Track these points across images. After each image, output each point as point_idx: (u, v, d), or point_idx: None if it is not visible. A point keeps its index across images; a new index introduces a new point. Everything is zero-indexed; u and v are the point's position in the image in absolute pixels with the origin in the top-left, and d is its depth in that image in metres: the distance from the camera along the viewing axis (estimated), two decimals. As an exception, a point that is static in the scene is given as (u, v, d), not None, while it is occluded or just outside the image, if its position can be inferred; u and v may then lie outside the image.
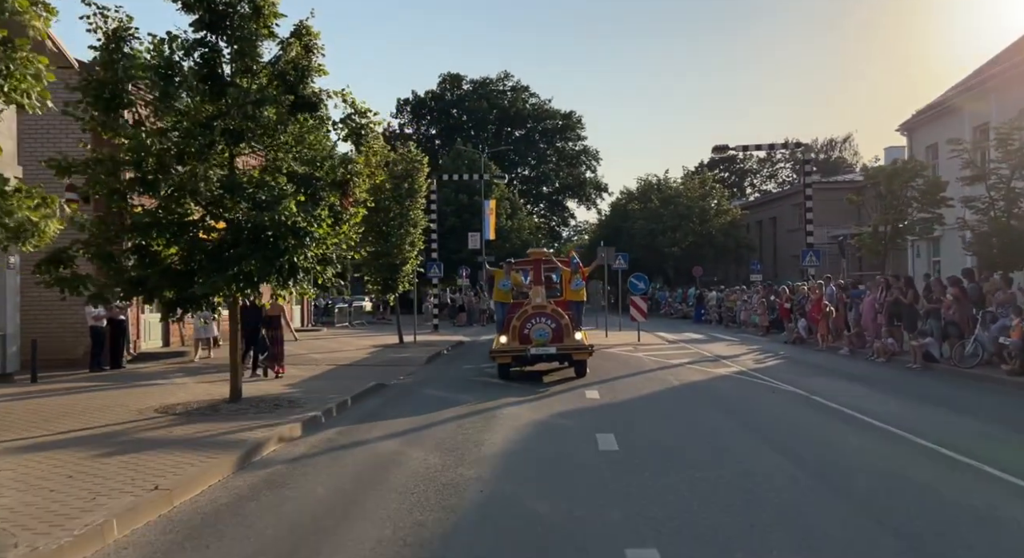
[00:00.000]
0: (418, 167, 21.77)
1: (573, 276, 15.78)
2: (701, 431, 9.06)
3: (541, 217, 64.63)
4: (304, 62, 10.67)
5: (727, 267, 53.92)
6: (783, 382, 13.07)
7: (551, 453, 8.05)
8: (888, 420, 9.32)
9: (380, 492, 6.54)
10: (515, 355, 13.63)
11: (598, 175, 64.71)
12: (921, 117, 28.34)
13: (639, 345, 21.46)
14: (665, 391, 12.59)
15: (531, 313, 13.79)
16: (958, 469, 7.03)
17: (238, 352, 11.09)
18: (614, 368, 15.96)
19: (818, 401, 11.08)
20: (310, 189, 10.89)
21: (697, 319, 36.39)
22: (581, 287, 15.94)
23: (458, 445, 8.42)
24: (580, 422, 9.79)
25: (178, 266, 10.55)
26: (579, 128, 62.56)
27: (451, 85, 61.11)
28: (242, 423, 9.32)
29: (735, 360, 17.21)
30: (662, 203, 50.16)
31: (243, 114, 9.95)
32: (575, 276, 15.78)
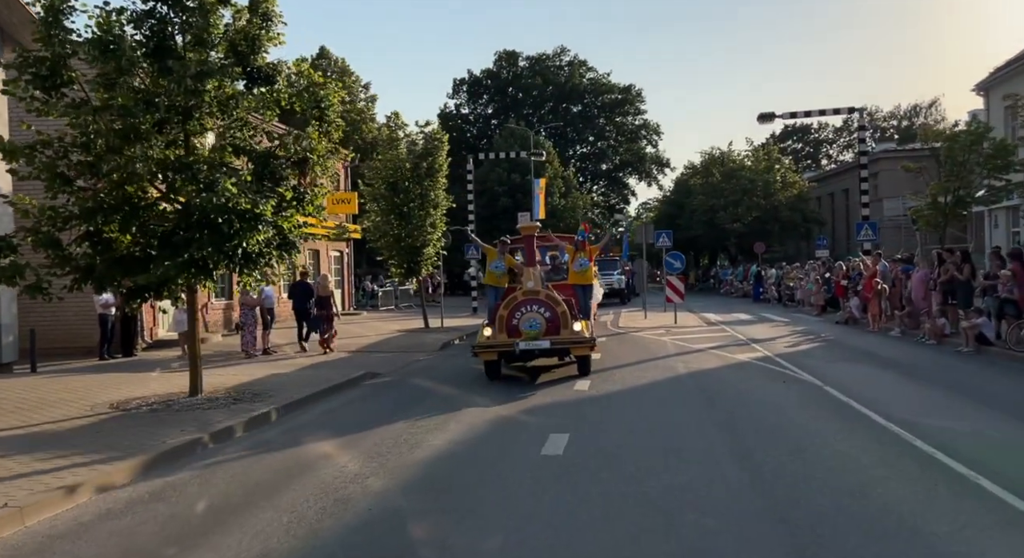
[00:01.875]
0: (439, 145, 20.92)
1: (577, 255, 13.29)
2: (666, 431, 7.96)
3: (601, 195, 63.06)
4: (255, 31, 9.95)
5: (796, 243, 51.30)
6: (804, 370, 11.73)
7: (486, 458, 7.15)
8: (899, 418, 8.00)
9: (262, 509, 5.78)
10: (502, 350, 11.49)
11: (659, 150, 62.49)
12: (999, 74, 25.72)
13: (672, 328, 20.17)
14: (663, 381, 11.45)
15: (521, 300, 11.59)
16: (961, 496, 5.74)
17: (197, 344, 10.56)
18: (627, 354, 14.86)
19: (830, 393, 9.77)
20: (268, 168, 10.25)
21: (756, 298, 34.54)
22: (588, 268, 13.36)
23: (394, 448, 7.60)
24: (545, 419, 8.83)
25: (137, 253, 10.06)
26: (639, 102, 60.45)
27: (507, 63, 59.87)
28: (183, 422, 8.77)
29: (767, 344, 15.81)
30: (724, 177, 47.94)
31: (184, 89, 9.29)
32: (579, 255, 13.29)
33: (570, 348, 11.59)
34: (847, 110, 22.83)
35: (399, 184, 20.50)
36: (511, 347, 11.32)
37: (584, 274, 13.41)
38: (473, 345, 12.20)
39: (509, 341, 11.34)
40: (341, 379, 12.14)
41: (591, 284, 13.62)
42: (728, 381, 11.27)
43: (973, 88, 26.44)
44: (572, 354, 11.81)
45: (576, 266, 13.31)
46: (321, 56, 42.82)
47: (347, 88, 41.73)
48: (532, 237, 12.68)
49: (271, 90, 10.28)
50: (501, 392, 10.74)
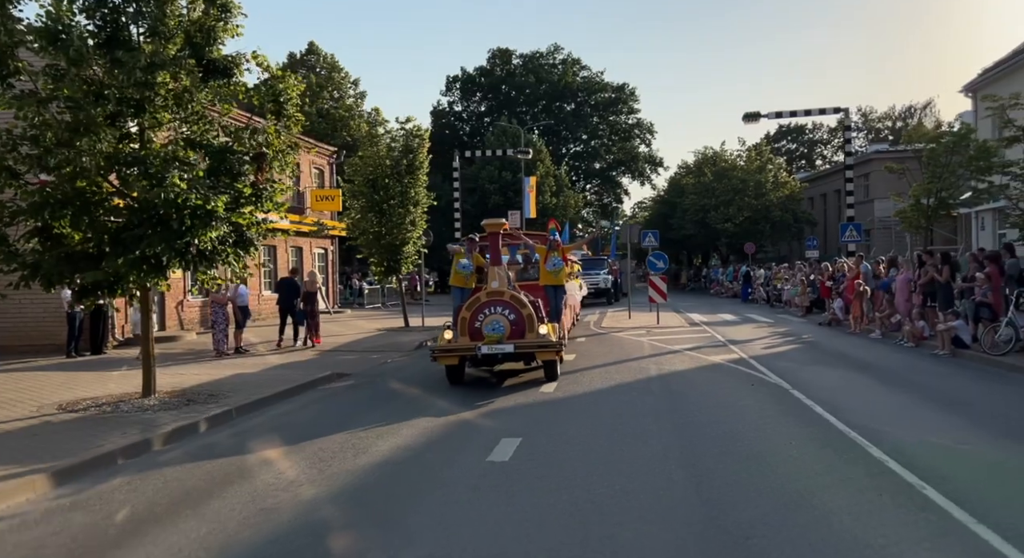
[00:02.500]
0: (420, 142, 20.67)
1: (550, 255, 12.70)
2: (622, 435, 7.73)
3: (594, 194, 62.86)
4: (211, 23, 9.70)
5: (788, 244, 51.10)
6: (775, 372, 11.52)
7: (430, 464, 6.92)
8: (859, 423, 7.79)
9: (184, 518, 5.54)
10: (462, 355, 10.85)
11: (652, 149, 62.27)
12: (988, 76, 25.49)
13: (653, 329, 19.95)
14: (631, 383, 11.22)
15: (484, 302, 10.90)
16: (904, 506, 5.52)
17: (151, 343, 10.30)
18: (602, 355, 14.65)
19: (795, 397, 9.56)
20: (224, 163, 10.00)
21: (744, 298, 34.36)
22: (561, 268, 12.80)
23: (339, 454, 7.38)
24: (500, 423, 8.60)
25: (90, 249, 9.81)
26: (632, 101, 60.21)
27: (500, 60, 59.61)
28: (127, 424, 8.55)
29: (745, 345, 15.60)
30: (715, 177, 47.73)
31: (134, 81, 9.03)
32: (552, 254, 12.70)
33: (535, 353, 10.92)
34: (832, 110, 22.63)
35: (379, 181, 20.26)
36: (472, 351, 10.66)
37: (556, 275, 12.87)
38: (432, 349, 11.36)
39: (471, 345, 10.67)
40: (305, 380, 11.91)
41: (563, 285, 13.08)
42: (696, 384, 11.05)
43: (961, 89, 26.21)
44: (538, 359, 11.15)
45: (549, 266, 12.77)
46: (310, 52, 42.48)
47: (335, 84, 41.48)
48: (497, 235, 11.83)
49: (228, 83, 10.04)
50: (464, 395, 10.52)
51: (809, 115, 23.38)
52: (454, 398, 10.24)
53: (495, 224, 11.92)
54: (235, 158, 10.00)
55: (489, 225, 11.94)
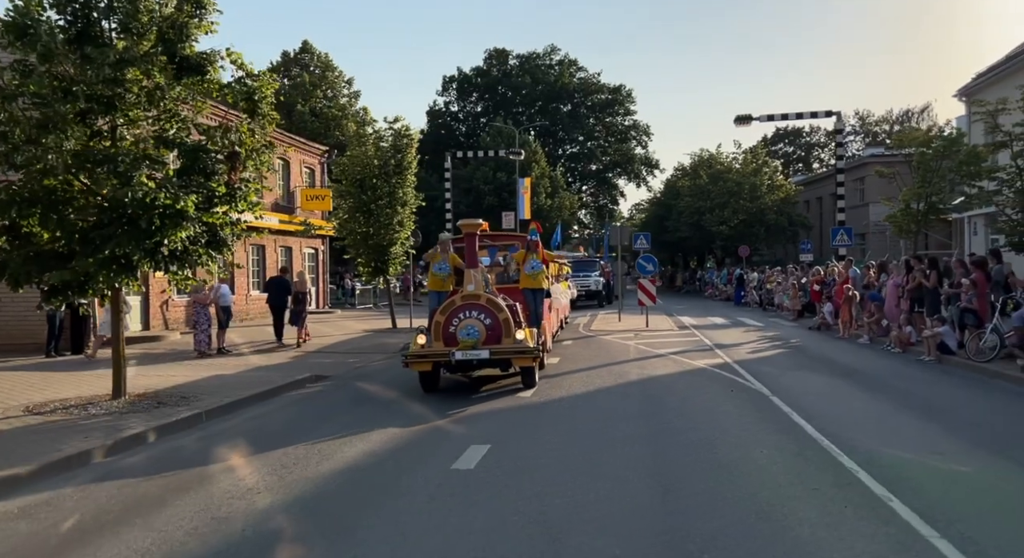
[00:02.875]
0: (408, 142, 20.53)
1: (528, 256, 12.21)
2: (593, 443, 7.58)
3: (590, 195, 62.75)
4: (183, 19, 9.54)
5: (783, 247, 51.00)
6: (757, 378, 11.39)
7: (392, 472, 6.77)
8: (834, 431, 7.66)
9: (132, 528, 5.39)
10: (436, 360, 10.36)
11: (649, 151, 62.23)
12: (981, 81, 25.38)
13: (642, 332, 19.80)
14: (611, 388, 11.09)
15: (459, 305, 10.46)
16: (868, 519, 5.38)
17: (121, 344, 10.15)
18: (586, 358, 14.51)
19: (774, 403, 9.42)
20: (197, 162, 9.86)
21: (737, 302, 34.19)
22: (540, 271, 12.29)
23: (302, 460, 7.23)
24: (471, 429, 8.45)
25: (60, 249, 9.66)
26: (629, 102, 60.13)
27: (497, 61, 59.51)
28: (92, 428, 8.40)
29: (731, 350, 15.47)
30: (711, 179, 47.61)
31: (103, 78, 8.87)
32: (531, 256, 12.21)
33: (512, 359, 10.47)
34: (825, 113, 22.50)
35: (367, 181, 20.12)
36: (446, 357, 10.15)
37: (536, 278, 12.34)
38: (404, 354, 10.83)
39: (444, 350, 10.18)
40: (282, 382, 11.77)
41: (543, 289, 12.56)
42: (676, 389, 10.91)
43: (955, 94, 26.09)
44: (515, 365, 10.72)
45: (527, 268, 12.27)
46: (304, 50, 42.31)
47: (329, 83, 41.32)
48: (474, 236, 11.23)
49: (201, 80, 9.89)
50: (440, 400, 10.37)
51: (801, 118, 23.25)
52: (429, 403, 10.10)
53: (471, 225, 11.34)
54: (208, 157, 9.86)
55: (465, 226, 11.34)
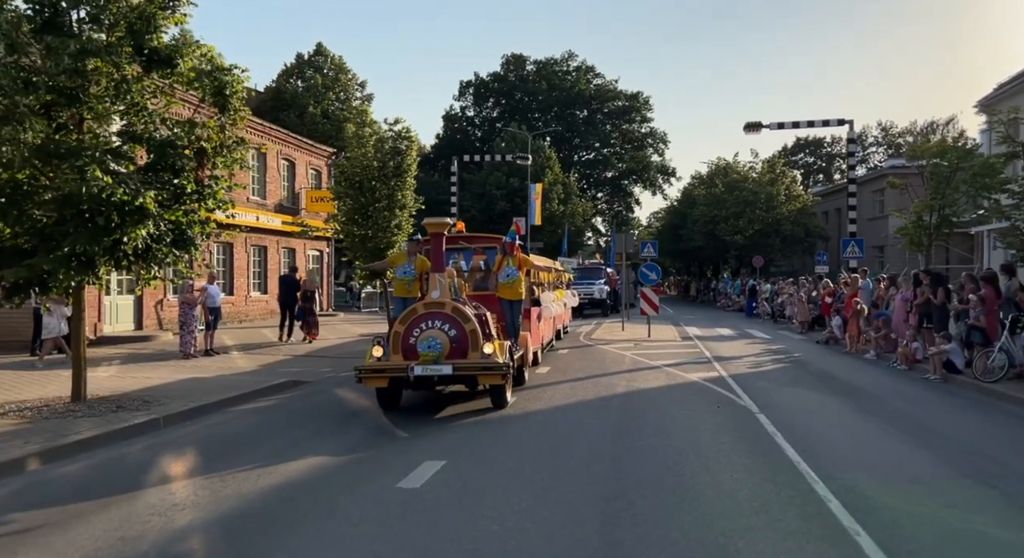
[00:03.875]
0: (408, 144, 20.21)
1: (504, 261, 11.10)
2: (554, 462, 7.10)
3: (605, 203, 62.20)
4: (151, 9, 9.23)
5: (801, 258, 50.11)
6: (749, 393, 10.86)
7: (334, 488, 6.35)
8: (814, 454, 7.14)
9: (31, 548, 5.04)
10: (393, 376, 9.15)
11: (665, 159, 61.51)
12: (1003, 91, 24.59)
13: (642, 342, 19.28)
14: (591, 401, 10.60)
15: (421, 314, 9.34)
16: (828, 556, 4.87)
17: (83, 345, 9.82)
18: (577, 368, 14.05)
19: (759, 422, 8.90)
20: (165, 158, 9.54)
21: (748, 313, 33.50)
22: (516, 278, 11.13)
23: (243, 473, 6.84)
24: (432, 443, 8.01)
25: (25, 245, 9.36)
26: (646, 110, 59.55)
27: (514, 66, 59.22)
28: (37, 432, 8.09)
29: (729, 363, 14.92)
30: (726, 188, 46.92)
31: (63, 68, 8.58)
32: (506, 261, 11.09)
33: (478, 376, 9.33)
34: (837, 122, 21.84)
35: (365, 183, 19.82)
36: (403, 372, 8.95)
37: (511, 286, 11.17)
38: (357, 368, 9.41)
39: (402, 364, 9.01)
40: (255, 387, 11.41)
41: (521, 299, 11.42)
42: (659, 404, 10.40)
43: (975, 105, 25.32)
44: (481, 383, 9.61)
45: (501, 276, 11.14)
46: (318, 53, 42.23)
47: (342, 86, 41.21)
48: (441, 236, 9.89)
49: (171, 73, 9.58)
50: (408, 410, 9.90)
51: (813, 127, 22.62)
52: (396, 413, 9.67)
53: (438, 224, 9.92)
54: (176, 153, 9.54)
55: (431, 225, 9.93)
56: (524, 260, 11.31)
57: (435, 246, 9.85)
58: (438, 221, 9.99)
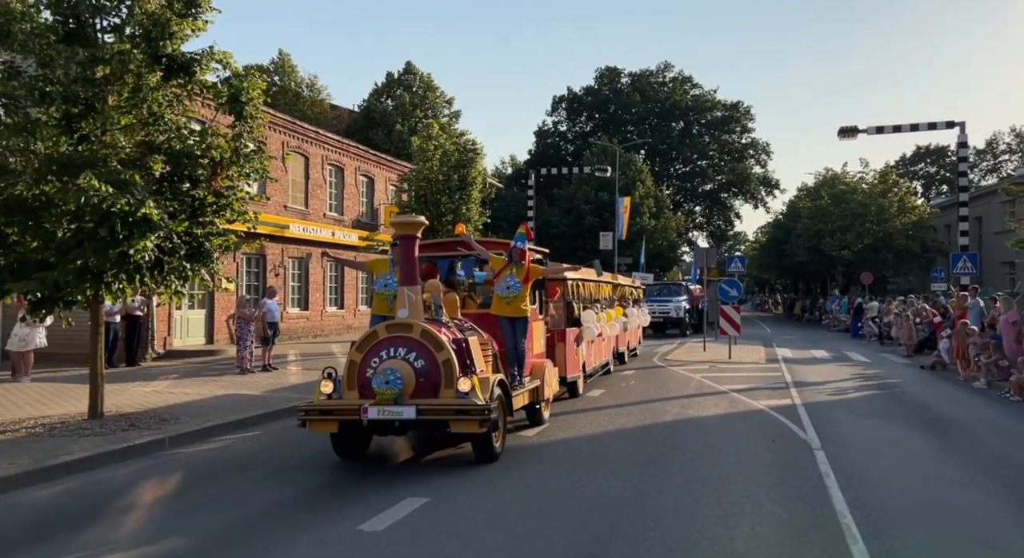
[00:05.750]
0: (473, 157, 19.69)
1: (506, 271, 8.98)
2: (549, 506, 6.16)
3: (702, 217, 59.98)
4: (166, 15, 8.99)
5: (919, 275, 46.45)
6: (817, 426, 9.53)
7: (294, 527, 5.68)
8: (868, 503, 5.92)
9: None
10: (343, 419, 7.17)
11: (768, 170, 58.69)
12: None
13: (719, 364, 17.84)
14: (631, 430, 9.53)
15: (383, 338, 7.34)
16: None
17: (100, 362, 9.65)
18: (634, 392, 12.98)
19: (816, 460, 7.63)
20: (181, 168, 9.29)
21: (854, 334, 30.99)
22: (518, 293, 8.89)
23: (207, 505, 6.35)
24: (425, 475, 7.23)
25: (49, 258, 9.29)
26: (747, 120, 57.08)
27: (608, 80, 58.18)
28: (32, 450, 7.89)
29: (809, 389, 13.42)
30: (832, 200, 44.13)
31: (73, 77, 8.44)
32: (509, 271, 8.96)
33: (450, 422, 7.07)
34: (945, 124, 19.69)
35: (430, 197, 19.41)
36: (355, 414, 7.00)
37: (513, 302, 8.91)
38: (299, 410, 7.44)
39: (354, 405, 7.05)
40: (283, 406, 10.99)
41: (525, 317, 9.07)
42: (707, 435, 9.21)
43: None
44: (452, 430, 7.19)
45: (500, 288, 8.97)
46: (408, 71, 42.75)
47: (430, 104, 41.47)
48: (411, 239, 7.74)
49: (189, 81, 9.35)
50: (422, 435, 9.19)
51: (916, 130, 20.51)
52: (405, 439, 8.86)
53: (409, 223, 7.84)
54: (191, 163, 9.27)
55: (400, 225, 7.87)
56: (534, 270, 9.11)
57: (404, 252, 7.79)
58: (407, 220, 7.92)
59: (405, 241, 7.77)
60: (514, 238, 9.20)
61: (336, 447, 7.68)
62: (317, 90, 43.37)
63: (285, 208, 23.19)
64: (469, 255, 10.02)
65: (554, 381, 10.11)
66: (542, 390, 9.37)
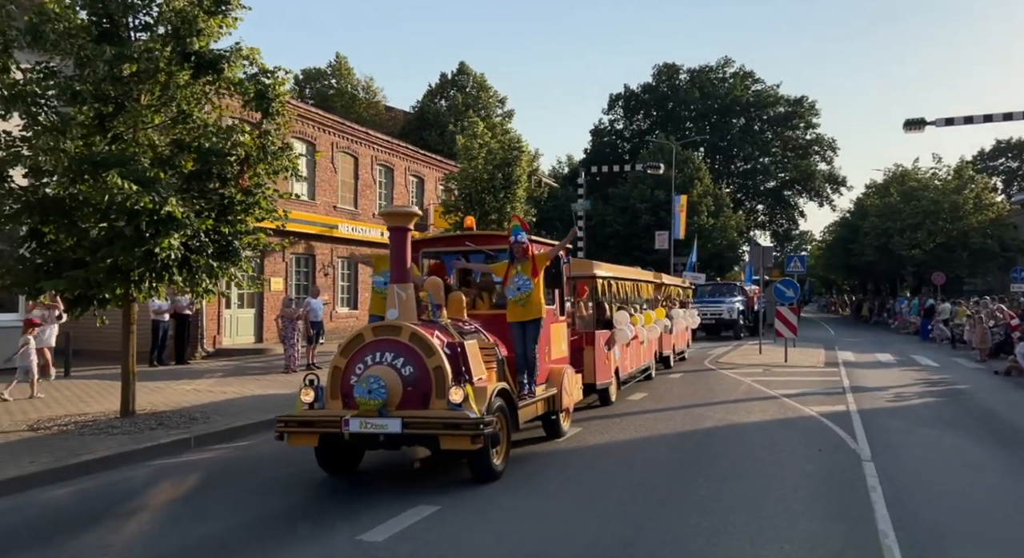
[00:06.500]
0: (517, 155, 19.36)
1: (513, 269, 7.92)
2: (561, 515, 5.82)
3: (764, 215, 58.32)
4: (193, 12, 8.93)
5: (999, 275, 44.09)
6: (870, 433, 8.91)
7: (299, 536, 5.47)
8: (918, 520, 5.39)
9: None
10: (324, 432, 6.46)
11: (834, 167, 56.65)
12: None
13: (773, 368, 17.08)
14: (666, 437, 9.05)
15: (369, 341, 6.68)
16: None
17: (131, 360, 9.67)
18: (678, 396, 12.48)
19: (863, 472, 7.06)
20: (208, 166, 9.24)
21: (924, 336, 29.55)
22: (529, 292, 7.86)
23: (212, 509, 6.19)
24: (443, 482, 6.93)
25: (85, 256, 9.37)
26: (811, 115, 55.19)
27: (666, 76, 57.11)
28: (57, 449, 7.91)
29: (867, 395, 12.65)
30: (902, 197, 42.29)
31: (100, 75, 8.44)
32: (516, 269, 7.90)
33: (440, 437, 6.29)
34: (1022, 115, 18.45)
35: (474, 196, 19.18)
36: (336, 426, 6.29)
37: (526, 303, 7.88)
38: (278, 420, 6.77)
39: (335, 416, 6.36)
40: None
41: (538, 319, 7.98)
42: (747, 443, 8.67)
43: None
44: (442, 446, 6.39)
45: (510, 290, 7.93)
46: (461, 72, 42.73)
47: (483, 104, 41.35)
48: (403, 232, 6.97)
49: (217, 79, 9.28)
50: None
51: (990, 121, 19.29)
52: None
53: (399, 214, 7.08)
54: (219, 161, 9.20)
55: (391, 216, 7.11)
56: (540, 259, 7.97)
57: (394, 246, 6.99)
58: (398, 211, 7.15)
59: (396, 234, 6.98)
60: (511, 232, 8.09)
61: (321, 461, 6.92)
62: (373, 92, 43.73)
63: (334, 208, 23.30)
64: (479, 250, 9.13)
65: (576, 389, 9.25)
66: (559, 399, 8.48)
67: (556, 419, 8.63)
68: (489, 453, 6.60)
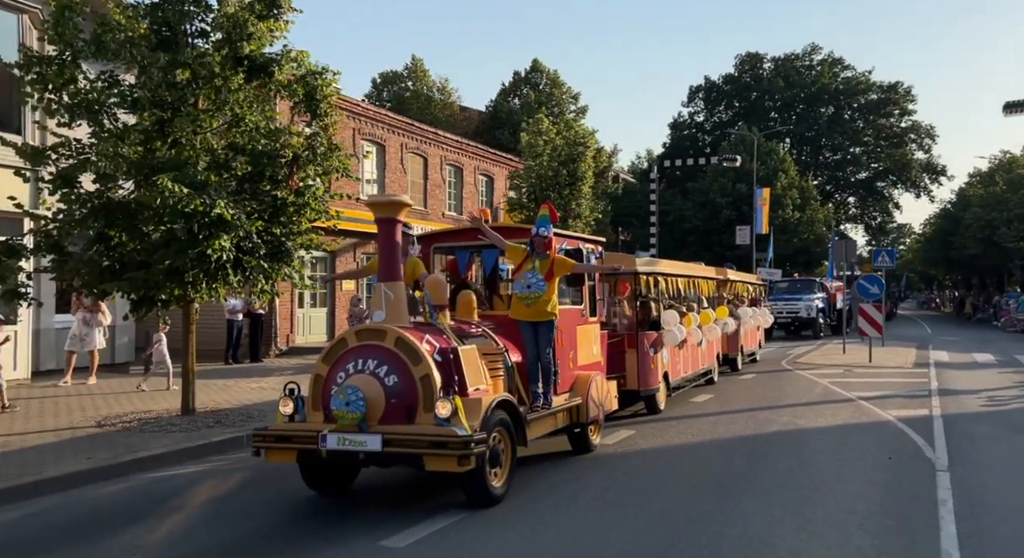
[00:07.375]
0: (582, 150, 19.00)
1: (527, 265, 7.02)
2: (588, 527, 5.53)
3: (856, 208, 55.78)
4: (244, 16, 9.05)
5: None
6: (951, 441, 8.25)
7: (319, 540, 5.40)
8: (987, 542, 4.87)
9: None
10: (302, 448, 5.81)
11: (932, 156, 53.63)
12: None
13: (855, 368, 16.20)
14: (726, 441, 8.60)
15: (352, 347, 6.00)
16: None
17: (191, 358, 9.89)
18: (746, 398, 11.97)
19: (935, 484, 6.50)
20: (259, 168, 9.36)
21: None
22: (542, 294, 6.94)
23: (238, 514, 6.21)
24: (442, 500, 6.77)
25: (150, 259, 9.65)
26: (907, 101, 52.43)
27: (750, 66, 55.39)
28: (118, 446, 8.12)
29: (957, 398, 11.79)
30: (1009, 186, 39.65)
31: (156, 82, 8.67)
32: (533, 263, 6.98)
33: (424, 457, 5.52)
34: None
35: (539, 193, 18.96)
36: (313, 443, 5.65)
37: (535, 301, 6.98)
38: (255, 431, 6.21)
39: (313, 430, 5.73)
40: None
41: (551, 321, 7.08)
42: (810, 449, 8.14)
43: None
44: (427, 468, 5.61)
45: (519, 286, 7.07)
46: (534, 69, 42.52)
47: (556, 100, 41.03)
48: (393, 223, 6.23)
49: (268, 81, 9.40)
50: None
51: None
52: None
53: (387, 204, 6.36)
54: (270, 162, 9.31)
55: (377, 206, 6.34)
56: (560, 263, 7.09)
57: (382, 240, 6.25)
58: (385, 200, 6.51)
59: (384, 226, 6.20)
60: (536, 222, 7.12)
61: (305, 477, 6.20)
62: (448, 93, 44.06)
63: (405, 209, 23.52)
64: (490, 246, 7.76)
65: (610, 398, 8.38)
66: (585, 410, 7.56)
67: (582, 433, 7.75)
68: (485, 475, 5.76)
